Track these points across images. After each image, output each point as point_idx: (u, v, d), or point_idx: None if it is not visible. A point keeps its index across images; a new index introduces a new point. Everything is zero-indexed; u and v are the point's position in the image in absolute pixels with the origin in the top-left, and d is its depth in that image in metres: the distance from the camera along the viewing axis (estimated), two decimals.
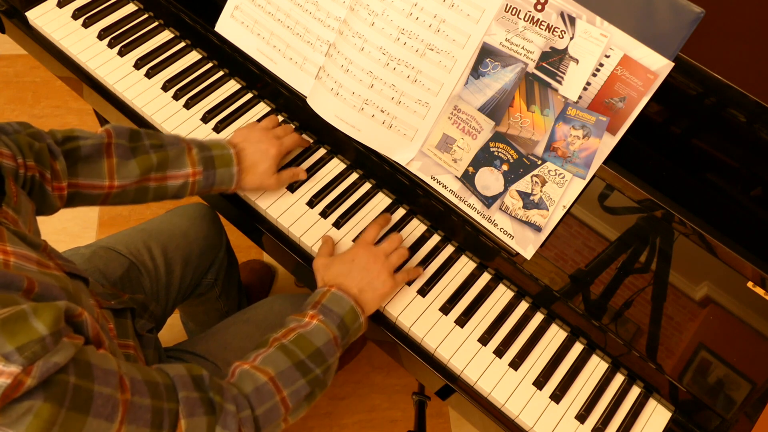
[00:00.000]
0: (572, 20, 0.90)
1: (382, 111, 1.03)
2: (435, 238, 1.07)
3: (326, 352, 0.86)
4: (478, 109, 0.98)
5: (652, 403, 0.96)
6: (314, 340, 0.86)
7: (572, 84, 0.92)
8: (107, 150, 0.90)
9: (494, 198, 0.99)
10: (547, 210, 0.96)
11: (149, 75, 1.19)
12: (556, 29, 0.91)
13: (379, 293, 0.95)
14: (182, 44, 1.24)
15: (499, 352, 0.97)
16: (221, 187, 1.00)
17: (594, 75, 0.90)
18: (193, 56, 1.23)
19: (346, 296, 0.91)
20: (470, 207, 1.01)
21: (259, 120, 1.15)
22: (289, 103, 1.14)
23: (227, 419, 0.72)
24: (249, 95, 1.19)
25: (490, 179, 0.99)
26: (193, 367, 0.75)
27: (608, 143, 0.92)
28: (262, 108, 1.18)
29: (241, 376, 0.79)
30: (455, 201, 1.02)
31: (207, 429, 0.71)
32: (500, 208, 0.99)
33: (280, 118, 1.16)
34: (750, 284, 0.89)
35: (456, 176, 1.02)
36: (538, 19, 0.92)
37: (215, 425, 0.72)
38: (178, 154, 0.95)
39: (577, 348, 1.00)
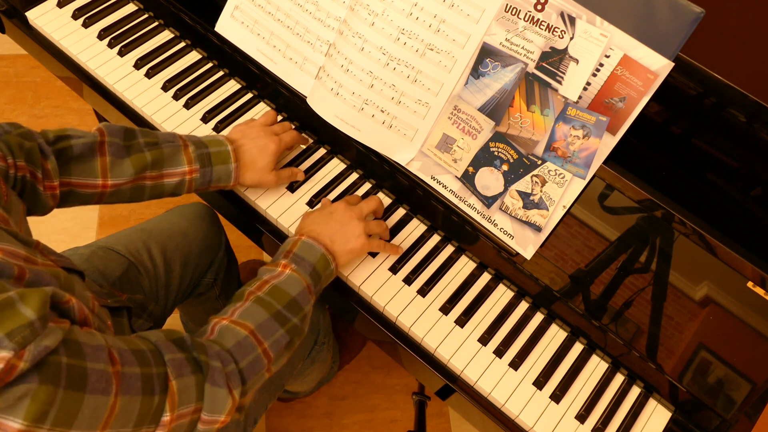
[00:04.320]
0: (572, 20, 0.90)
1: (382, 111, 1.03)
2: (435, 238, 1.07)
3: (301, 300, 0.87)
4: (478, 109, 0.98)
5: (652, 403, 0.96)
6: (289, 289, 0.87)
7: (572, 84, 0.92)
8: (100, 148, 0.90)
9: (494, 198, 0.99)
10: (547, 210, 0.96)
11: (149, 75, 1.19)
12: (556, 29, 0.91)
13: (350, 246, 0.96)
14: (182, 44, 1.24)
15: (499, 352, 0.97)
16: (219, 183, 1.00)
17: (594, 75, 0.90)
18: (193, 56, 1.23)
19: (317, 244, 0.93)
20: (470, 207, 1.01)
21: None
22: (289, 103, 1.14)
23: (215, 375, 0.74)
24: (249, 95, 1.19)
25: (490, 179, 0.99)
26: (170, 332, 0.76)
27: (608, 143, 0.92)
28: (262, 108, 1.18)
29: (221, 332, 0.80)
30: (455, 201, 1.02)
31: (196, 387, 0.72)
32: (500, 208, 0.99)
33: (279, 118, 1.16)
34: (750, 284, 0.89)
35: (456, 176, 1.02)
36: (538, 19, 0.92)
37: (204, 382, 0.73)
38: (174, 152, 0.95)
39: (577, 348, 1.00)
